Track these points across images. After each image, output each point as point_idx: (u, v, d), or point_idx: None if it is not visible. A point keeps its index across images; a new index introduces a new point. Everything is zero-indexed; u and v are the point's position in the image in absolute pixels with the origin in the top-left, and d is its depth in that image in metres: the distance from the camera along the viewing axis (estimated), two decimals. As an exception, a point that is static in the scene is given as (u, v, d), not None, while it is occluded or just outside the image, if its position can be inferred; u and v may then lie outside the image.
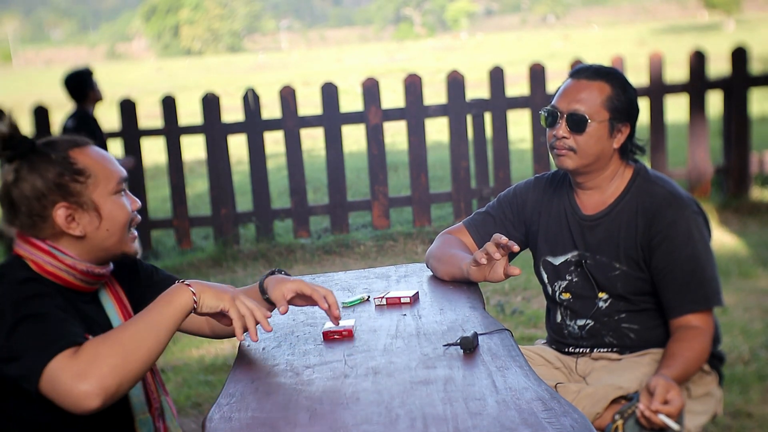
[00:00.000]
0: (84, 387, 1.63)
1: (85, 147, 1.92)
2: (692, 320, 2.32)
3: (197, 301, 1.84)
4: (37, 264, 1.86)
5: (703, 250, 2.35)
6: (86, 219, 1.88)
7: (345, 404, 1.73)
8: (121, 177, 1.94)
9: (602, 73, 2.40)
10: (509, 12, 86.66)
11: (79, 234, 1.88)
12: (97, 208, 1.89)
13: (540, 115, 2.45)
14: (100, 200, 1.89)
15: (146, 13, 74.64)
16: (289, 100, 7.03)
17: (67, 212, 1.86)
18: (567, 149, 2.38)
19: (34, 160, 1.85)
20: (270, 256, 6.76)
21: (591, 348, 2.50)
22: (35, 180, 1.84)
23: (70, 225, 1.87)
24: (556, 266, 2.53)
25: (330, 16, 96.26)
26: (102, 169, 1.91)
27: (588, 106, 2.36)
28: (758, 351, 4.16)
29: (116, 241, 1.92)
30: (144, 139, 7.10)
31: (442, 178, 9.02)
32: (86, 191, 1.88)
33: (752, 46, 8.09)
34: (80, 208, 1.88)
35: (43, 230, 1.87)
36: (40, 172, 1.85)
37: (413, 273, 2.69)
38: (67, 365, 1.65)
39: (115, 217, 1.91)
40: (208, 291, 1.86)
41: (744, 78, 7.12)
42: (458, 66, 8.67)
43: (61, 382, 1.64)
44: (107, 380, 1.65)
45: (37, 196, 1.84)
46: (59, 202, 1.86)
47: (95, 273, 1.92)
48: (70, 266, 1.87)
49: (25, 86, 34.85)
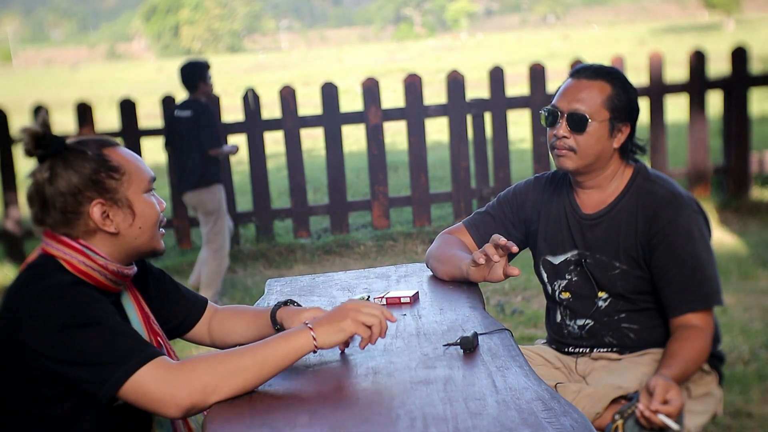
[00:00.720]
0: (177, 398, 1.71)
1: (115, 146, 1.93)
2: (692, 319, 2.32)
3: (316, 340, 1.82)
4: (70, 264, 1.86)
5: (703, 249, 2.35)
6: (120, 216, 1.89)
7: (345, 404, 1.73)
8: (151, 177, 1.96)
9: (603, 72, 2.40)
10: (509, 12, 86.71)
11: (113, 231, 1.89)
12: (130, 205, 1.90)
13: (540, 114, 2.45)
14: (134, 198, 1.91)
15: (146, 13, 74.68)
16: (289, 100, 7.04)
17: (102, 208, 1.87)
18: (567, 149, 2.38)
19: (68, 157, 1.86)
20: (270, 256, 6.76)
21: (591, 348, 2.50)
22: (71, 176, 1.85)
23: (105, 222, 1.88)
24: (555, 265, 2.53)
25: (330, 16, 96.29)
26: (135, 167, 1.92)
27: (588, 106, 2.36)
28: (758, 351, 4.16)
29: (147, 239, 1.94)
30: (144, 139, 7.11)
31: (442, 178, 9.03)
32: (121, 188, 1.89)
33: (752, 46, 8.10)
34: (115, 205, 1.89)
35: (77, 228, 1.87)
36: (76, 169, 1.85)
37: (413, 273, 2.69)
38: (162, 375, 1.72)
39: (147, 215, 1.93)
40: (325, 327, 1.83)
41: (744, 78, 7.12)
42: (458, 66, 8.67)
43: (152, 391, 1.71)
44: (197, 397, 1.72)
45: (72, 192, 1.85)
46: (95, 199, 1.86)
47: (124, 273, 1.92)
48: (102, 266, 1.88)
49: (25, 86, 34.87)
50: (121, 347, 1.74)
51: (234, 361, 1.77)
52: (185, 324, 2.20)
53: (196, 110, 5.66)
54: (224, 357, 1.78)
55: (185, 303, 2.20)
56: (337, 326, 1.83)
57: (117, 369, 1.71)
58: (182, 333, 2.21)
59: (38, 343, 1.74)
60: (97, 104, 6.28)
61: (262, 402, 1.77)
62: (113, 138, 1.98)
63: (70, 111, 7.63)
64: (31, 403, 1.81)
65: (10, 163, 7.05)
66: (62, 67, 55.98)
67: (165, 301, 2.15)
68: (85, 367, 1.73)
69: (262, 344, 1.82)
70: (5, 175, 7.05)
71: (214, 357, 1.77)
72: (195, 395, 1.72)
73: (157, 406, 1.72)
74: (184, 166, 5.72)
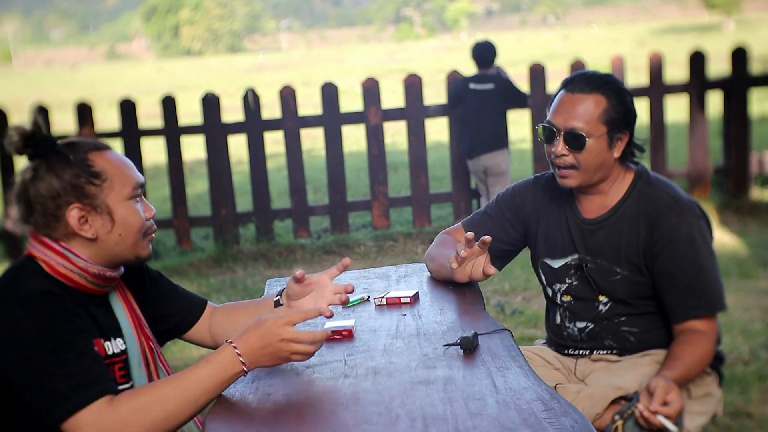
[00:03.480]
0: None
1: (105, 150, 1.92)
2: (696, 325, 2.31)
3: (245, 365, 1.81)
4: (49, 265, 1.86)
5: (706, 255, 2.33)
6: (99, 222, 1.88)
7: (345, 404, 1.73)
8: (137, 183, 1.94)
9: (596, 84, 2.34)
10: (509, 12, 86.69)
11: (91, 236, 1.88)
12: (110, 212, 1.89)
13: (536, 129, 2.42)
14: (114, 204, 1.89)
15: (146, 13, 74.63)
16: (289, 100, 7.03)
17: (80, 213, 1.87)
18: (568, 168, 2.35)
19: (52, 159, 1.86)
20: (270, 256, 6.76)
21: (590, 350, 2.50)
22: (52, 179, 1.85)
23: (83, 227, 1.87)
24: (554, 269, 2.52)
25: (330, 16, 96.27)
26: (119, 173, 1.91)
27: (585, 122, 2.31)
28: (758, 351, 4.16)
29: (129, 246, 1.93)
30: (144, 139, 7.11)
31: (442, 178, 9.02)
32: (101, 194, 1.88)
33: (752, 46, 8.09)
34: (94, 211, 1.88)
35: (57, 230, 1.87)
36: (57, 172, 1.85)
37: (413, 273, 2.69)
38: (103, 414, 1.70)
39: (128, 223, 1.91)
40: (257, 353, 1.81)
41: (744, 78, 7.12)
42: (458, 66, 8.66)
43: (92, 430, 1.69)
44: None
45: (52, 195, 1.85)
46: (73, 203, 1.86)
47: (106, 276, 1.92)
48: (82, 269, 1.87)
49: (25, 86, 34.87)
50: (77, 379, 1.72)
51: (171, 393, 1.75)
52: (185, 323, 2.20)
53: (497, 81, 6.54)
54: (161, 390, 1.76)
55: (184, 302, 2.20)
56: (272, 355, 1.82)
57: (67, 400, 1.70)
58: (182, 332, 2.21)
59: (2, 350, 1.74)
60: (97, 104, 6.28)
61: (262, 402, 1.77)
62: (107, 140, 1.98)
63: (70, 111, 7.63)
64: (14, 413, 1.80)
65: (10, 163, 7.05)
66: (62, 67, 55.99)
67: (163, 301, 2.15)
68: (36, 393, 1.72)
69: (193, 371, 1.80)
70: (5, 175, 7.05)
71: (150, 392, 1.76)
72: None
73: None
74: (478, 133, 6.49)
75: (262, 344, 1.81)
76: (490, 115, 6.49)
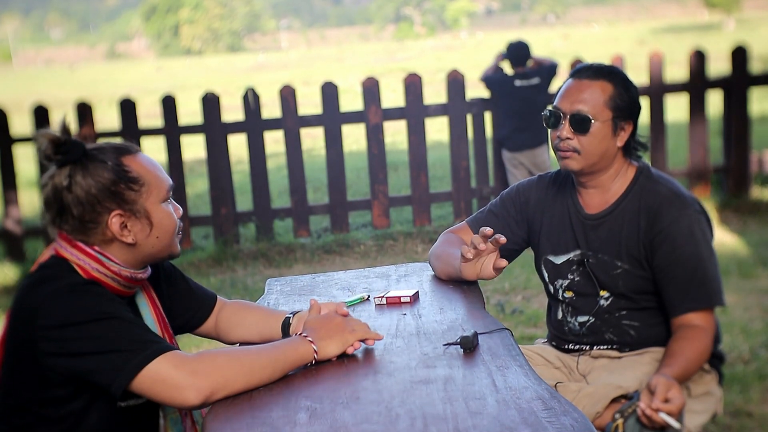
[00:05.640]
0: (198, 383, 1.73)
1: (135, 154, 1.92)
2: (694, 319, 2.32)
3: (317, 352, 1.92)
4: (82, 269, 1.86)
5: (705, 250, 2.35)
6: (138, 227, 1.89)
7: (345, 404, 1.73)
8: (170, 185, 1.95)
9: (604, 72, 2.40)
10: (509, 11, 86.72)
11: (131, 242, 1.88)
12: (149, 216, 1.90)
13: (542, 115, 2.46)
14: (152, 208, 1.90)
15: (146, 12, 74.62)
16: (289, 100, 7.03)
17: (121, 220, 1.87)
18: (571, 151, 2.38)
19: (87, 165, 1.84)
20: (270, 256, 6.76)
21: (591, 345, 2.50)
22: (90, 186, 1.84)
23: (123, 232, 1.87)
24: (557, 265, 2.53)
25: (330, 16, 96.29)
26: (154, 177, 1.91)
27: (591, 106, 2.36)
28: (758, 350, 4.16)
29: (164, 246, 1.95)
30: (144, 138, 7.10)
31: (442, 178, 9.02)
32: (140, 199, 1.88)
33: (752, 46, 8.09)
34: (133, 216, 1.88)
35: (94, 236, 1.87)
36: (96, 179, 1.84)
37: (413, 272, 2.70)
38: (180, 363, 1.74)
39: (165, 225, 1.93)
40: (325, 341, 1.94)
41: (744, 77, 7.12)
42: (458, 65, 8.66)
43: (172, 377, 1.73)
44: (216, 386, 1.75)
45: (91, 202, 1.84)
46: (114, 210, 1.86)
47: (137, 278, 1.93)
48: (116, 273, 1.88)
49: (25, 86, 34.84)
50: (137, 337, 1.76)
51: (251, 359, 1.82)
52: (195, 320, 2.21)
53: (542, 75, 6.76)
54: (242, 354, 1.83)
55: (195, 299, 2.21)
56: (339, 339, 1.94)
57: (134, 356, 1.73)
58: (192, 328, 2.22)
59: (51, 343, 1.74)
60: (97, 104, 6.28)
61: (262, 401, 1.77)
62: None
63: (70, 110, 7.63)
64: (40, 403, 1.81)
65: (10, 163, 7.05)
66: (62, 66, 55.96)
67: (176, 297, 2.15)
68: (100, 356, 1.73)
69: (274, 348, 1.87)
70: (5, 174, 7.05)
71: (233, 352, 1.82)
72: (215, 383, 1.74)
73: (175, 393, 1.73)
74: (526, 128, 6.70)
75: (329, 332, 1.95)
76: (535, 110, 6.48)
